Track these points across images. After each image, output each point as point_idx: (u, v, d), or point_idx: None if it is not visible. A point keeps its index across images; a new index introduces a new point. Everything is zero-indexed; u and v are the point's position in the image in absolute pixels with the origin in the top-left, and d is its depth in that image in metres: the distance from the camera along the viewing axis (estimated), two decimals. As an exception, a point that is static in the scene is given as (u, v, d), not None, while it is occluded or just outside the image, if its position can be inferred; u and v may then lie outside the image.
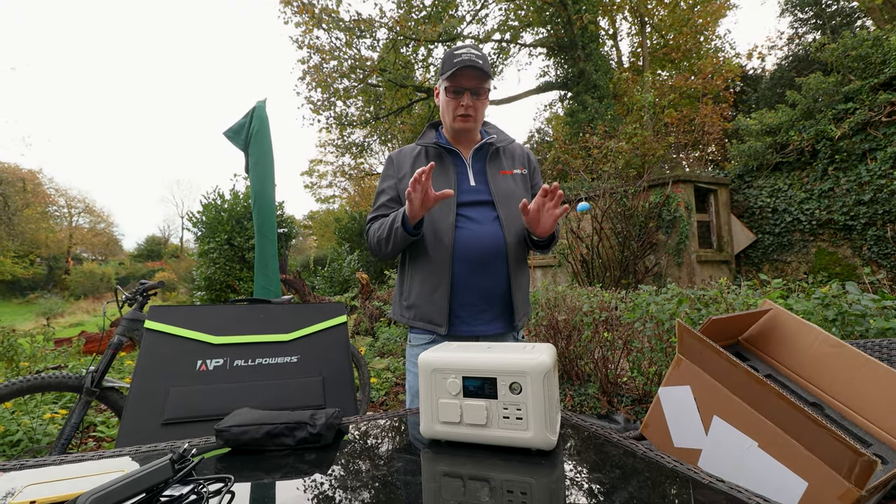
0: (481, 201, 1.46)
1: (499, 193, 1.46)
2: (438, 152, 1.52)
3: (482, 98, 1.47)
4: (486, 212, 1.45)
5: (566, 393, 3.36)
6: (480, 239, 1.40)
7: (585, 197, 8.40)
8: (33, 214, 27.23)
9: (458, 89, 1.44)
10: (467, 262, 1.40)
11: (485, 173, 1.50)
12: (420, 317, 1.46)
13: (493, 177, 1.50)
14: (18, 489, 0.62)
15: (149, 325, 1.46)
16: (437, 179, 1.46)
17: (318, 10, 14.36)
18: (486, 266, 1.40)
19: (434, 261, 1.42)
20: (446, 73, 1.42)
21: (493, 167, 1.52)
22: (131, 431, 1.26)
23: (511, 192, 1.49)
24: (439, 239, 1.41)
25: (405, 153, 1.56)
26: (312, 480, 0.70)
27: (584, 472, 0.73)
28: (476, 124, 1.50)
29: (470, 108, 1.45)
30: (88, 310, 21.93)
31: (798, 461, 0.78)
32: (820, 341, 1.04)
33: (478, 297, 1.42)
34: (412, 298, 1.48)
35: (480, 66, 1.40)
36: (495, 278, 1.42)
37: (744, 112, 13.21)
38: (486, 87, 1.46)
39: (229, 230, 8.09)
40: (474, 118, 1.47)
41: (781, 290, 2.49)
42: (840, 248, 7.78)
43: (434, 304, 1.42)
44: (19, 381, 1.99)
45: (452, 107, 1.46)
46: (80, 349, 6.37)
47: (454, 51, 1.45)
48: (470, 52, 1.42)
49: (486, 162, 1.52)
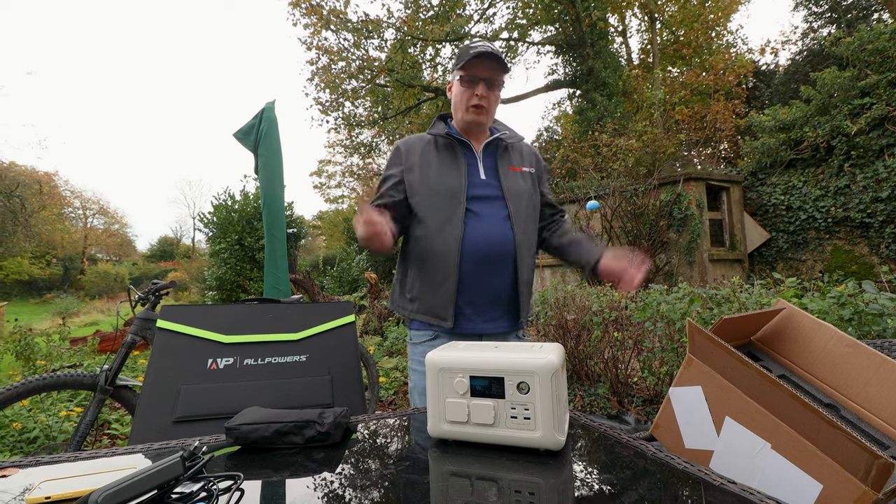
0: (491, 196, 1.42)
1: (510, 190, 1.43)
2: (449, 143, 1.47)
3: (496, 90, 1.43)
4: (497, 208, 1.41)
5: (576, 393, 3.35)
6: (489, 237, 1.38)
7: (595, 195, 8.35)
8: (49, 216, 27.70)
9: (474, 78, 1.40)
10: (476, 259, 1.37)
11: (495, 168, 1.46)
12: (424, 310, 1.43)
13: (504, 172, 1.46)
14: (35, 485, 0.63)
15: (161, 325, 1.48)
16: (447, 170, 1.42)
17: (326, 12, 14.43)
18: (494, 265, 1.38)
19: (441, 254, 1.38)
20: (462, 61, 1.38)
21: (503, 163, 1.48)
22: (144, 429, 1.28)
23: (521, 189, 1.46)
24: (448, 232, 1.38)
25: (412, 142, 1.51)
26: (321, 479, 0.71)
27: (593, 473, 0.73)
28: (489, 117, 1.46)
29: (484, 98, 1.40)
30: (103, 309, 22.25)
31: (812, 463, 0.76)
32: (835, 341, 1.02)
33: (483, 296, 1.39)
34: (416, 290, 1.45)
35: (497, 56, 1.37)
36: (502, 278, 1.40)
37: (757, 108, 13.03)
38: (500, 80, 1.42)
39: (240, 230, 8.16)
40: (487, 110, 1.43)
41: (796, 289, 2.46)
42: (857, 247, 7.64)
43: (440, 297, 1.38)
44: (36, 380, 2.03)
45: (466, 97, 1.42)
46: (95, 348, 6.48)
47: (470, 44, 1.42)
48: (486, 44, 1.39)
49: (496, 157, 1.48)
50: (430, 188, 1.42)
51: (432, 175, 1.43)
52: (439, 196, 1.40)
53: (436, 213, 1.40)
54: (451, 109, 1.52)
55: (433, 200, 1.41)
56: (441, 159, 1.45)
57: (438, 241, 1.39)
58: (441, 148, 1.47)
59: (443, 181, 1.41)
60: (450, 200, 1.39)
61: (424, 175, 1.43)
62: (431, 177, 1.43)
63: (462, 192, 1.39)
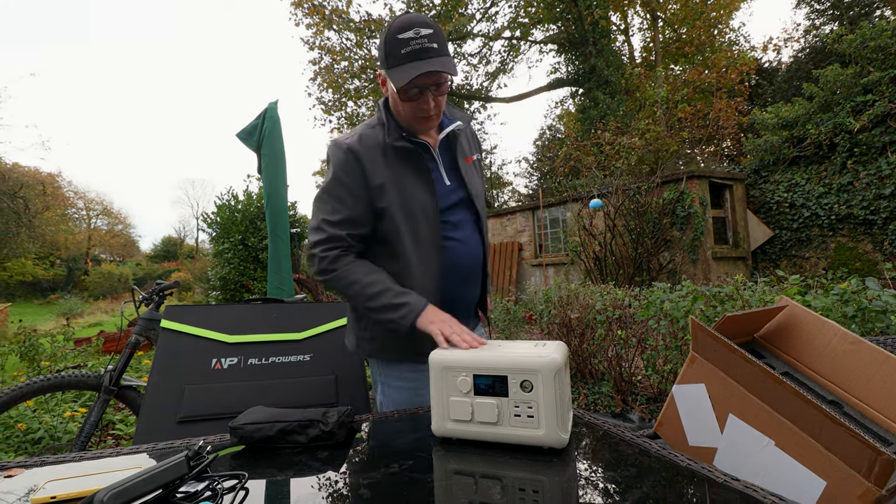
0: (459, 202, 1.26)
1: (473, 188, 1.28)
2: (407, 148, 1.18)
3: (444, 87, 1.15)
4: (465, 214, 1.28)
5: (580, 391, 3.34)
6: (465, 255, 1.26)
7: (598, 194, 8.33)
8: (53, 217, 27.81)
9: (419, 88, 1.10)
10: (454, 282, 1.24)
11: (456, 168, 1.27)
12: (400, 348, 1.20)
13: (465, 169, 1.28)
14: (40, 485, 0.64)
15: (165, 325, 1.49)
16: (413, 186, 1.18)
17: (328, 12, 14.46)
18: (469, 279, 1.30)
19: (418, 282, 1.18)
20: (395, 65, 1.08)
21: (460, 157, 1.28)
22: (148, 429, 1.28)
23: (478, 184, 1.34)
24: (426, 258, 1.19)
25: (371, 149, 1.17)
26: (325, 478, 0.71)
27: (597, 471, 0.73)
28: (438, 119, 1.21)
29: (436, 107, 1.15)
30: (107, 310, 22.35)
31: (816, 460, 0.76)
32: (838, 338, 1.02)
33: (458, 309, 1.21)
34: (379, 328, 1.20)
35: (441, 55, 1.08)
36: (474, 286, 1.33)
37: (759, 106, 12.98)
38: (443, 84, 1.14)
39: (243, 230, 8.17)
40: (436, 116, 1.18)
41: (799, 286, 2.45)
42: (860, 244, 7.61)
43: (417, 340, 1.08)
44: (40, 380, 2.04)
45: (410, 108, 1.15)
46: (99, 348, 6.50)
47: (396, 35, 1.07)
48: (420, 34, 1.06)
49: (453, 153, 1.28)
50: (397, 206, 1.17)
51: (405, 195, 1.18)
52: (414, 215, 1.18)
53: (412, 234, 1.18)
54: (391, 105, 1.23)
55: (405, 219, 1.18)
56: (402, 168, 1.19)
57: (407, 262, 1.18)
58: (398, 153, 1.19)
59: (412, 197, 1.18)
60: (424, 223, 1.18)
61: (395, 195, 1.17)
62: (404, 197, 1.18)
63: (433, 211, 1.19)
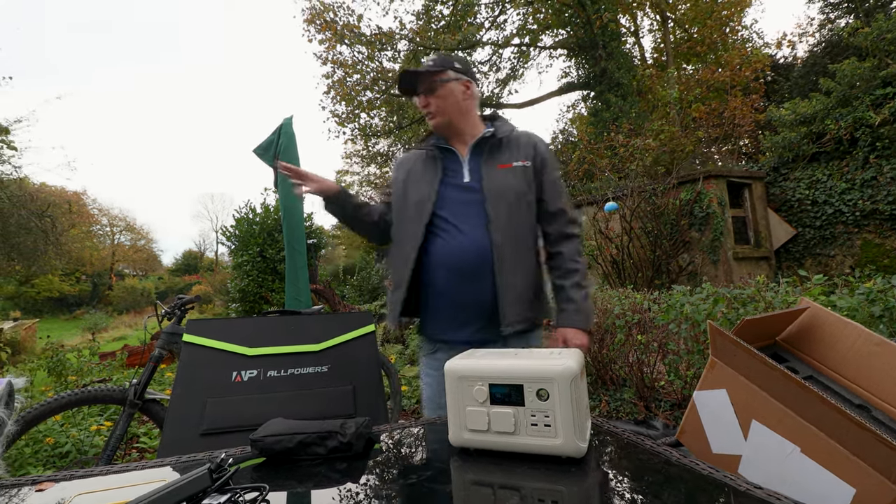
0: (471, 201, 1.41)
1: (491, 191, 1.39)
2: (432, 154, 1.51)
3: (434, 92, 1.45)
4: (475, 215, 1.39)
5: (601, 398, 3.30)
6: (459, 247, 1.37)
7: (613, 196, 8.25)
8: (79, 234, 28.56)
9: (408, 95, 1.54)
10: (441, 269, 1.40)
11: (479, 170, 1.44)
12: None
13: (489, 172, 1.43)
14: (69, 498, 0.66)
15: (187, 339, 1.52)
16: (419, 180, 1.48)
17: (340, 27, 14.70)
18: (466, 275, 1.36)
19: (398, 267, 1.46)
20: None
21: (491, 161, 1.45)
22: (172, 442, 1.30)
23: (507, 186, 1.41)
24: (406, 243, 1.44)
25: (408, 157, 1.61)
26: (344, 489, 0.71)
27: (616, 480, 0.72)
28: (444, 118, 1.47)
29: (425, 106, 1.48)
30: (130, 324, 22.82)
31: (844, 466, 0.74)
32: (862, 340, 0.99)
33: (452, 306, 1.42)
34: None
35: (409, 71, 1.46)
36: (477, 286, 1.37)
37: (776, 102, 12.74)
38: (428, 83, 1.46)
39: (261, 243, 8.30)
40: (434, 114, 1.47)
41: (823, 286, 2.39)
42: (888, 240, 7.39)
43: (392, 306, 1.49)
44: (68, 395, 2.09)
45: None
46: (123, 362, 6.65)
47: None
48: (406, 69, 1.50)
49: (483, 156, 1.46)
50: (400, 204, 1.51)
51: (406, 190, 1.50)
52: (406, 210, 1.48)
53: (400, 227, 1.49)
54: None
55: (400, 215, 1.50)
56: (419, 172, 1.51)
57: (395, 252, 1.49)
58: (426, 160, 1.52)
59: (412, 195, 1.48)
60: (415, 214, 1.44)
61: (399, 190, 1.53)
62: (404, 191, 1.51)
63: (428, 204, 1.43)
